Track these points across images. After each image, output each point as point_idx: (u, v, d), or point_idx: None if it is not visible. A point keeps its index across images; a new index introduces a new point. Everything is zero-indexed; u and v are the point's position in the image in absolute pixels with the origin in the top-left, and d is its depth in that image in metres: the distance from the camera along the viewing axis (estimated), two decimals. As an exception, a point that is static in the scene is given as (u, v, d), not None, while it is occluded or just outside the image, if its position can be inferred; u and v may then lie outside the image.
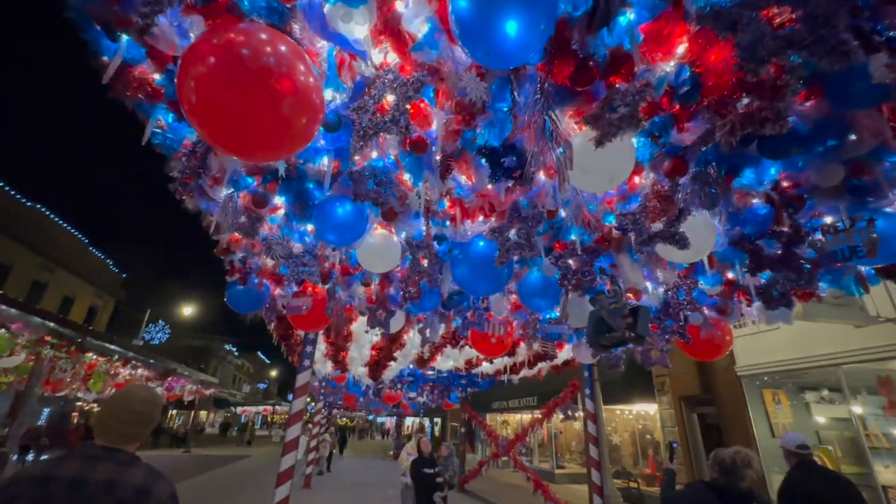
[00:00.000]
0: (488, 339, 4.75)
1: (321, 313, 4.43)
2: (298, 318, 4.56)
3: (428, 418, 24.35)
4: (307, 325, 4.71)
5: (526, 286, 3.75)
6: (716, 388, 7.70)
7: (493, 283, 3.12)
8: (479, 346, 5.04)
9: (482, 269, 3.06)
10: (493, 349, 4.97)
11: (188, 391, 18.66)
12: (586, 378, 6.13)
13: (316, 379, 12.33)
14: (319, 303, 4.42)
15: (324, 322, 4.69)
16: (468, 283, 3.15)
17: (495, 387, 12.72)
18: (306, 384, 5.18)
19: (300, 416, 5.03)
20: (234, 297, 4.42)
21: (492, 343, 4.82)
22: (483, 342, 4.91)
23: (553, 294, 3.72)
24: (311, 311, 4.41)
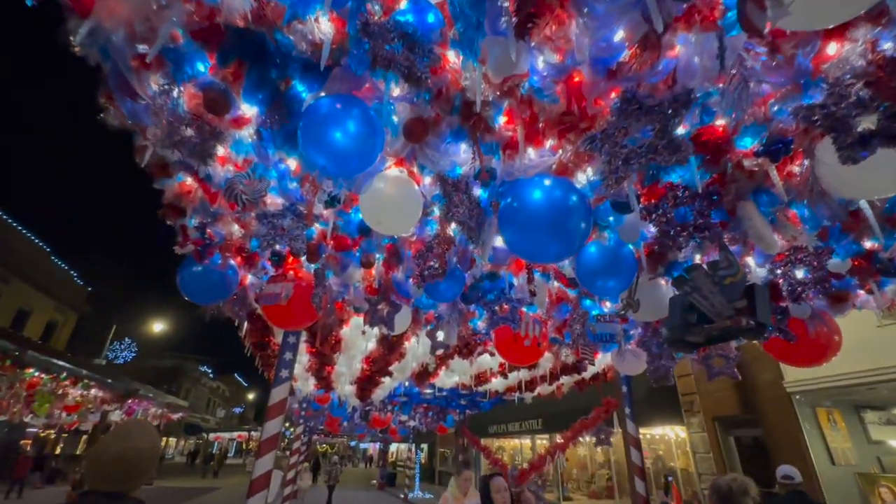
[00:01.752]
0: (520, 341, 3.70)
1: (305, 304, 3.33)
2: (275, 311, 3.45)
3: (414, 444, 22.70)
4: (287, 320, 3.59)
5: (588, 260, 2.75)
6: (760, 406, 6.71)
7: (565, 242, 2.10)
8: (506, 351, 3.98)
9: (550, 220, 2.04)
10: (524, 354, 3.92)
11: (152, 415, 16.87)
12: (625, 395, 5.09)
13: (295, 400, 10.95)
14: (303, 290, 3.33)
15: (308, 317, 3.58)
16: (529, 242, 2.12)
17: (493, 409, 11.53)
18: (283, 401, 4.01)
19: (274, 442, 3.84)
20: (188, 280, 3.30)
21: (524, 346, 3.77)
22: (512, 346, 3.85)
23: (626, 273, 2.72)
24: (293, 300, 3.31)
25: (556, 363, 5.31)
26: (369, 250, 3.22)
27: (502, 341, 3.92)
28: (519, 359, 4.03)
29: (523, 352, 3.85)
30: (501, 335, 3.91)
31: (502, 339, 3.91)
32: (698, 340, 2.82)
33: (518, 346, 3.83)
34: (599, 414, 5.44)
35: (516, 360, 4.10)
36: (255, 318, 4.93)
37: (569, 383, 6.41)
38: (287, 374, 4.12)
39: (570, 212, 2.05)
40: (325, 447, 55.10)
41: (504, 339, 3.91)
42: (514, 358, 4.04)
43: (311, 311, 3.41)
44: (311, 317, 3.60)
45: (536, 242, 2.14)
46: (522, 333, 3.68)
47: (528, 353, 3.86)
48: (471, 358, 5.57)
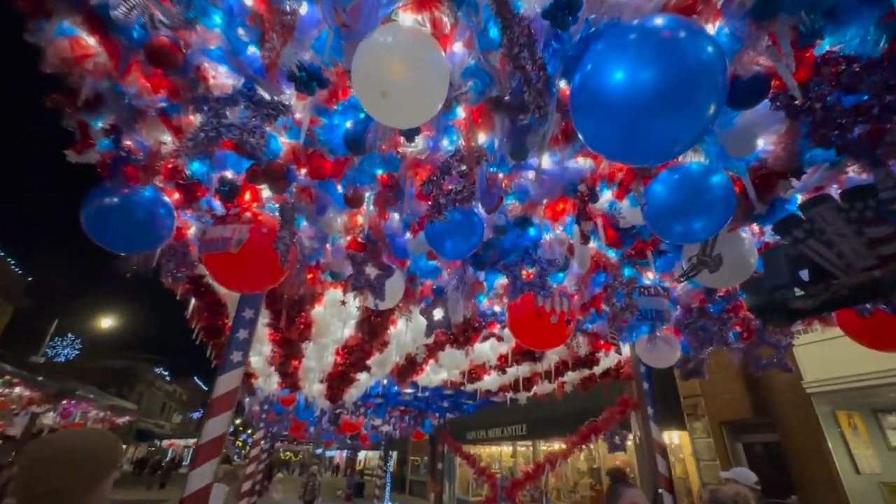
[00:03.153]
0: (545, 318, 2.88)
1: (265, 257, 2.41)
2: (223, 265, 2.51)
3: (384, 451, 21.45)
4: (238, 278, 2.64)
5: (668, 191, 1.97)
6: (776, 409, 6.14)
7: (688, 122, 1.30)
8: (525, 331, 3.15)
9: (667, 85, 1.24)
10: (548, 336, 3.10)
11: (93, 419, 15.11)
12: (646, 393, 4.36)
13: (256, 401, 9.76)
14: (263, 238, 2.41)
15: (268, 275, 2.65)
16: (627, 121, 1.30)
17: (474, 414, 10.67)
18: (232, 393, 3.05)
19: (216, 447, 2.86)
20: (97, 217, 2.32)
21: (549, 325, 2.96)
22: (534, 325, 3.03)
23: (720, 210, 1.95)
24: (247, 250, 2.39)
25: (570, 353, 4.52)
26: (358, 181, 2.33)
27: (520, 319, 3.10)
28: (541, 341, 3.21)
29: (547, 332, 3.04)
30: (519, 311, 3.09)
31: (520, 316, 3.09)
32: (808, 306, 2.09)
33: (541, 324, 3.01)
34: (614, 415, 4.71)
35: (537, 343, 3.29)
36: (203, 291, 3.94)
37: (574, 380, 5.65)
38: (240, 357, 3.16)
39: (701, 72, 1.25)
40: (288, 455, 52.61)
41: (522, 317, 3.08)
42: (535, 340, 3.21)
43: (272, 267, 2.49)
44: (273, 276, 2.67)
45: (639, 121, 1.32)
46: (548, 307, 2.87)
47: (554, 333, 3.05)
48: (468, 347, 4.72)
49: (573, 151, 1.96)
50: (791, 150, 1.80)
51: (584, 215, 2.12)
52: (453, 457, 16.16)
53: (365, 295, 2.88)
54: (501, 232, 2.63)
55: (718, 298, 3.25)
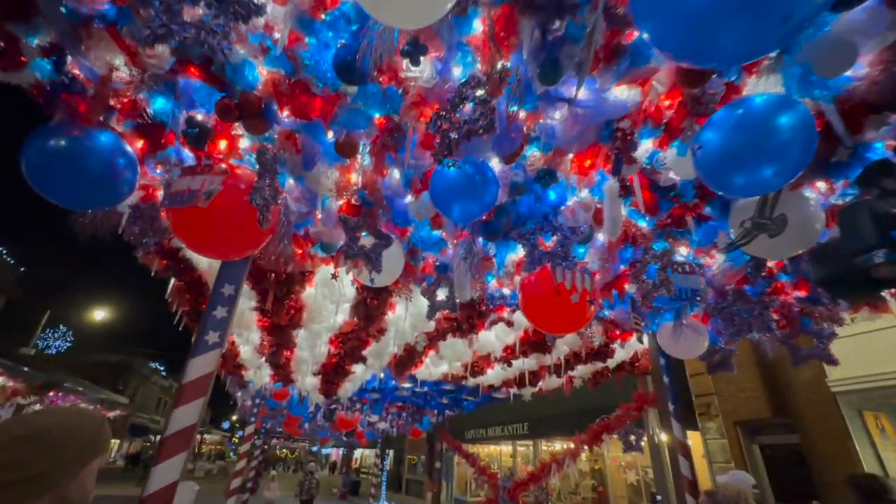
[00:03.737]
0: (565, 296, 2.51)
1: (241, 215, 2.04)
2: (192, 222, 2.13)
3: (381, 449, 21.06)
4: (210, 239, 2.26)
5: (728, 132, 1.60)
6: (797, 409, 5.77)
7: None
8: (541, 312, 2.77)
9: None
10: (567, 317, 2.72)
11: (82, 412, 14.71)
12: (667, 387, 3.99)
13: (248, 394, 9.39)
14: (239, 195, 2.04)
15: (245, 238, 2.27)
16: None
17: (474, 411, 10.30)
18: (205, 378, 2.68)
19: (185, 439, 2.49)
20: (39, 162, 1.95)
21: (569, 305, 2.59)
22: (552, 305, 2.66)
23: (798, 152, 1.58)
24: (220, 205, 2.02)
25: (583, 345, 4.14)
26: (351, 124, 1.96)
27: (535, 298, 2.72)
28: (558, 323, 2.83)
29: (566, 313, 2.66)
30: (534, 289, 2.71)
31: (535, 294, 2.72)
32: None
33: (559, 304, 2.64)
34: (629, 412, 4.34)
35: (554, 326, 2.91)
36: (183, 269, 3.57)
37: (585, 375, 5.28)
38: (217, 338, 2.78)
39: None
40: (284, 452, 52.23)
41: (538, 296, 2.71)
42: (552, 322, 2.83)
43: (249, 229, 2.11)
44: (251, 240, 2.30)
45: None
46: (568, 284, 2.50)
47: (574, 314, 2.67)
48: (471, 336, 4.35)
49: (615, 76, 1.58)
50: (893, 71, 1.43)
51: (627, 155, 1.74)
52: (451, 456, 15.80)
53: (359, 267, 2.50)
54: (519, 191, 2.25)
55: (758, 280, 2.87)
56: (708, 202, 2.24)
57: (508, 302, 3.50)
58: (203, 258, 3.49)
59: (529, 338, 4.33)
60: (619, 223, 2.14)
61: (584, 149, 1.91)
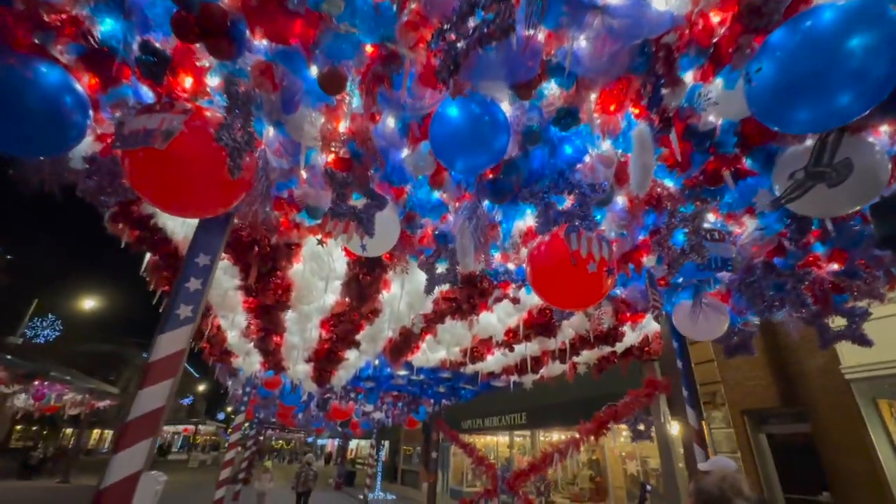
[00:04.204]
0: (581, 266, 2.22)
1: (209, 160, 1.74)
2: (149, 169, 1.82)
3: (376, 440, 20.90)
4: (173, 193, 1.94)
5: (789, 52, 1.31)
6: (808, 397, 5.56)
7: None
8: (553, 284, 2.48)
9: None
10: (582, 290, 2.44)
11: (70, 402, 14.40)
12: (681, 372, 3.73)
13: (239, 383, 9.11)
14: (206, 137, 1.73)
15: (217, 191, 1.96)
16: None
17: (471, 400, 10.07)
18: (176, 356, 2.38)
19: (153, 424, 2.20)
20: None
21: (584, 276, 2.31)
22: (565, 276, 2.37)
23: (884, 69, 1.29)
24: (184, 148, 1.71)
25: (591, 328, 3.87)
26: (337, 53, 1.64)
27: (546, 269, 2.43)
28: (572, 297, 2.54)
29: (581, 285, 2.38)
30: (546, 259, 2.42)
31: (547, 264, 2.43)
32: None
33: (574, 274, 2.36)
34: (638, 398, 4.09)
35: (566, 300, 2.62)
36: (158, 241, 3.25)
37: (590, 360, 5.03)
38: (189, 313, 2.48)
39: None
40: (280, 443, 52.19)
41: (550, 266, 2.42)
42: (565, 296, 2.54)
43: (219, 180, 1.81)
44: (222, 193, 1.99)
45: None
46: (585, 252, 2.21)
47: (589, 286, 2.39)
48: (471, 318, 4.07)
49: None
50: None
51: (670, 77, 1.44)
52: (447, 446, 15.63)
53: (349, 231, 2.20)
54: (532, 140, 1.95)
55: (791, 250, 2.60)
56: (749, 153, 1.95)
57: (514, 277, 3.22)
58: (179, 229, 3.19)
59: (534, 320, 4.06)
60: (649, 174, 1.85)
61: (613, 79, 1.61)
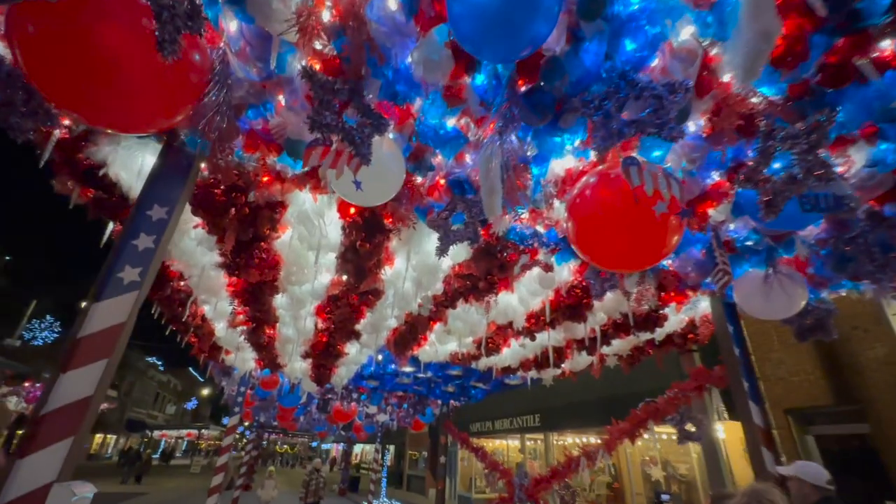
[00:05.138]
0: (645, 205, 1.65)
1: (135, 40, 1.18)
2: (51, 58, 1.28)
3: (381, 445, 20.32)
4: (86, 90, 1.39)
5: None
6: (867, 393, 4.93)
7: None
8: (605, 235, 1.91)
9: None
10: (641, 243, 1.86)
11: (64, 405, 13.91)
12: (739, 360, 3.15)
13: (234, 383, 8.55)
14: (130, 10, 1.17)
15: (150, 92, 1.41)
16: None
17: (480, 401, 9.46)
18: (112, 331, 1.83)
19: (76, 419, 1.64)
20: None
21: (647, 221, 1.74)
22: (622, 223, 1.80)
23: None
24: (97, 23, 1.16)
25: (635, 307, 3.28)
26: None
27: (597, 217, 1.86)
28: (630, 254, 1.93)
29: (642, 235, 1.81)
30: (596, 204, 1.85)
31: (598, 211, 1.86)
32: None
33: (633, 222, 1.79)
34: (685, 393, 3.49)
35: (621, 258, 2.01)
36: (116, 201, 2.71)
37: (622, 351, 4.43)
38: (137, 277, 1.94)
39: None
40: (285, 448, 51.60)
41: (601, 213, 1.85)
42: (619, 253, 1.95)
43: (150, 66, 1.26)
44: (158, 97, 1.44)
45: None
46: (650, 187, 1.64)
47: (652, 237, 1.81)
48: (489, 301, 3.50)
49: None
50: None
51: None
52: (455, 450, 15.00)
53: (339, 161, 1.64)
54: (590, 15, 1.39)
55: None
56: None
57: (545, 241, 2.63)
58: (138, 183, 2.64)
59: (562, 301, 3.48)
60: (767, 48, 1.27)
61: None
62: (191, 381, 52.99)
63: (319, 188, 2.41)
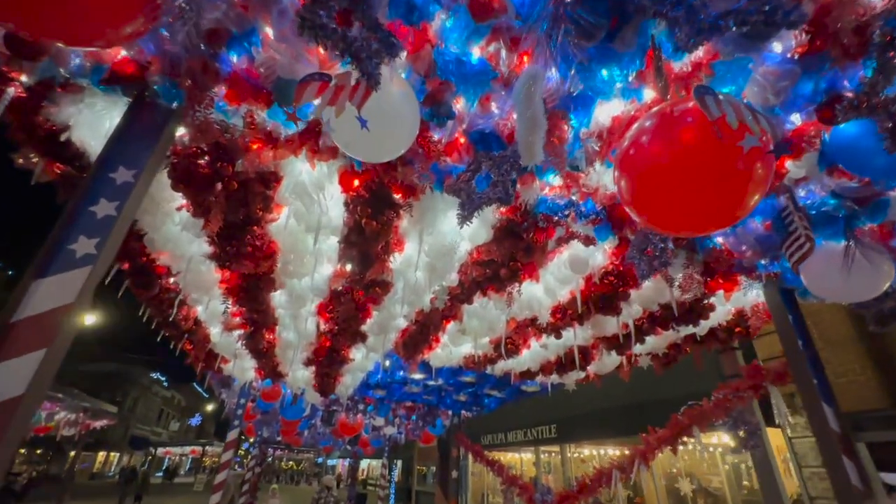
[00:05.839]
0: (729, 139, 1.28)
1: None
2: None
3: (388, 459, 19.71)
4: None
5: None
6: (929, 395, 4.44)
7: None
8: (672, 190, 1.53)
9: None
10: (719, 195, 1.47)
11: (63, 421, 13.52)
12: (804, 355, 2.72)
13: (233, 394, 8.13)
14: None
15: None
16: None
17: (492, 412, 8.96)
18: (57, 314, 1.48)
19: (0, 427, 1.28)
20: None
21: (727, 163, 1.36)
22: (692, 174, 1.43)
23: None
24: None
25: (675, 300, 2.86)
26: None
27: (665, 157, 1.48)
28: (702, 205, 1.55)
29: (719, 181, 1.42)
30: (662, 143, 1.48)
31: (664, 152, 1.48)
32: None
33: (711, 163, 1.41)
34: (738, 393, 3.05)
35: (690, 217, 1.63)
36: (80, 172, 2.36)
37: (658, 349, 3.99)
38: (93, 249, 1.57)
39: None
40: (291, 464, 50.64)
41: (669, 153, 1.48)
42: (689, 205, 1.57)
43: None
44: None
45: None
46: (734, 120, 1.27)
47: (732, 182, 1.43)
48: (511, 292, 3.10)
49: None
50: None
51: None
52: (465, 464, 14.40)
53: (341, 92, 1.28)
54: None
55: None
56: None
57: (582, 210, 2.24)
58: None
59: (593, 291, 3.07)
60: None
61: None
62: (195, 396, 52.45)
63: (318, 152, 2.05)
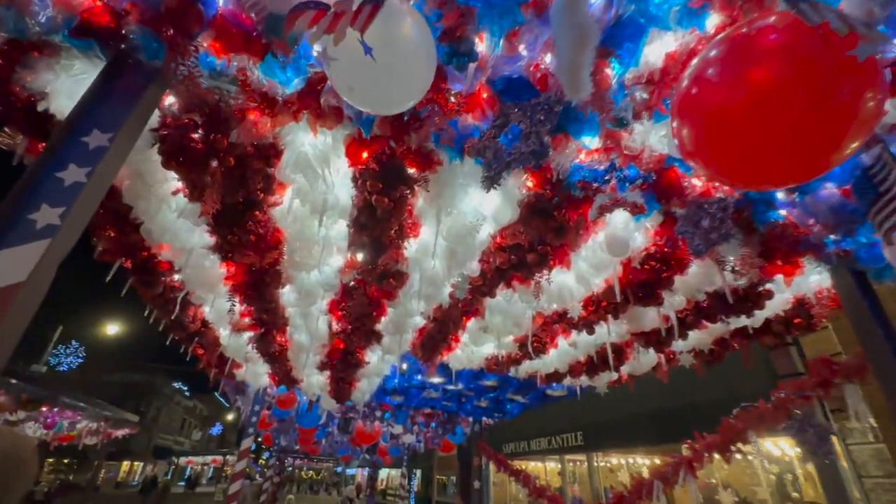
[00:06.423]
0: (835, 48, 0.97)
1: None
2: None
3: (407, 469, 19.33)
4: None
5: None
6: None
7: None
8: (752, 122, 1.22)
9: None
10: (814, 132, 1.16)
11: (84, 430, 13.60)
12: (887, 346, 2.33)
13: (248, 401, 7.94)
14: None
15: None
16: None
17: (515, 419, 8.56)
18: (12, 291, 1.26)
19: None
20: None
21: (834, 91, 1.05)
22: (780, 103, 1.12)
23: None
24: None
25: (726, 287, 2.51)
26: None
27: (740, 89, 1.18)
28: (792, 148, 1.24)
29: (816, 112, 1.11)
30: (736, 72, 1.18)
31: (739, 83, 1.18)
32: None
33: (804, 89, 1.10)
34: (804, 392, 2.66)
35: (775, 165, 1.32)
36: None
37: (703, 345, 3.61)
38: (56, 220, 1.35)
39: None
40: (311, 473, 50.49)
41: (745, 83, 1.17)
42: (775, 148, 1.26)
43: None
44: None
45: None
46: (842, 26, 0.96)
47: (833, 114, 1.12)
48: (538, 279, 2.79)
49: None
50: None
51: None
52: (487, 474, 13.93)
53: (340, 20, 1.02)
54: None
55: None
56: None
57: (627, 177, 1.93)
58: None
59: (632, 278, 2.74)
60: None
61: None
62: (216, 406, 52.93)
63: (320, 116, 1.80)
